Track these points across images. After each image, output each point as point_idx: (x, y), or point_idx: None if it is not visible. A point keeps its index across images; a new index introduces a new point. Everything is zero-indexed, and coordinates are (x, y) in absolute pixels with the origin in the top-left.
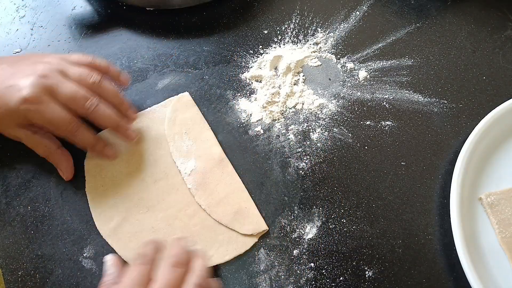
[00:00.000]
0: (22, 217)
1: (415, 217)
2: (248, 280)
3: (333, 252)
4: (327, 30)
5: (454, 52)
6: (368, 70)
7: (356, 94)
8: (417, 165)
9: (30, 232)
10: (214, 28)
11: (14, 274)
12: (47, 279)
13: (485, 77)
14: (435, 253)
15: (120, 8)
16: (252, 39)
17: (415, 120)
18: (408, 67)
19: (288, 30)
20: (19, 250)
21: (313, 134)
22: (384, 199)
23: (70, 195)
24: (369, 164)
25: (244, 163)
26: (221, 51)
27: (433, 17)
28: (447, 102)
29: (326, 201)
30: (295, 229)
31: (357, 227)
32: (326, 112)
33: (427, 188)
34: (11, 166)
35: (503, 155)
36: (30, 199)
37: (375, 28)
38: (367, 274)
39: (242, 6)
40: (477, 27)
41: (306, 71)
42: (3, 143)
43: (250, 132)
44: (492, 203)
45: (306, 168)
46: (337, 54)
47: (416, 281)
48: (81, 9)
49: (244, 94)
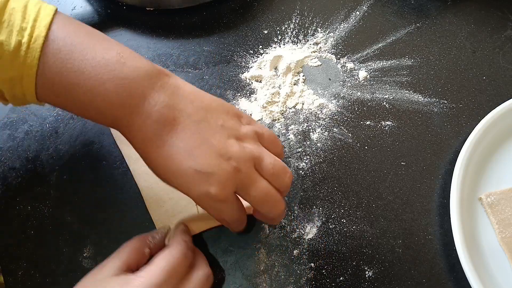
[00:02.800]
0: (22, 217)
1: (415, 217)
2: (248, 280)
3: (333, 252)
4: (327, 30)
5: (454, 52)
6: (368, 70)
7: (356, 94)
8: (417, 165)
9: (30, 232)
10: (214, 28)
11: (14, 274)
12: (47, 279)
13: (485, 77)
14: (435, 253)
15: (120, 8)
16: (252, 39)
17: (415, 120)
18: (408, 67)
19: (288, 30)
20: (19, 250)
21: (313, 134)
22: (384, 199)
23: (70, 195)
24: (369, 164)
25: None
26: (221, 51)
27: (433, 17)
28: (447, 102)
29: (326, 201)
30: (295, 229)
31: (357, 227)
32: (326, 112)
33: (427, 188)
34: (11, 166)
35: (503, 155)
36: (30, 199)
37: (375, 28)
38: (367, 274)
39: (242, 6)
40: (477, 27)
41: (306, 71)
42: (3, 143)
43: None
44: (492, 203)
45: (306, 168)
46: (337, 54)
47: (416, 281)
48: (81, 9)
49: (244, 94)
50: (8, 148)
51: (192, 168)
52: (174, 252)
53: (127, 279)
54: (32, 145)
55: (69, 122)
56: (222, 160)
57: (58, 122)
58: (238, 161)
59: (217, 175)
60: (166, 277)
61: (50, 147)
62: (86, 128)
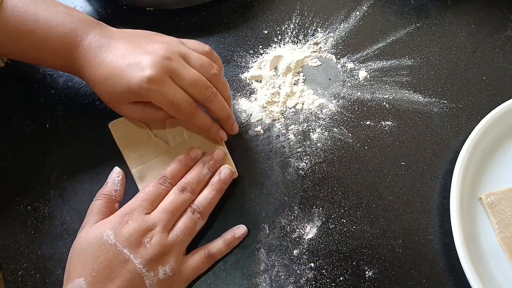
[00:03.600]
0: (22, 217)
1: (415, 217)
2: (248, 280)
3: (333, 252)
4: (327, 30)
5: (454, 52)
6: (368, 70)
7: (356, 94)
8: (417, 165)
9: (30, 232)
10: (214, 28)
11: (14, 274)
12: (47, 279)
13: (485, 77)
14: (435, 253)
15: (120, 8)
16: (252, 39)
17: (415, 120)
18: (408, 67)
19: (288, 30)
20: (19, 250)
21: (313, 134)
22: (384, 199)
23: (70, 195)
24: (369, 164)
25: (244, 163)
26: (221, 51)
27: (433, 17)
28: (447, 102)
29: (326, 201)
30: (295, 229)
31: (357, 227)
32: (326, 112)
33: (427, 188)
34: (12, 166)
35: (503, 155)
36: (30, 199)
37: (375, 28)
38: (367, 274)
39: (242, 6)
40: (477, 27)
41: (306, 71)
42: (3, 143)
43: (250, 132)
44: (492, 203)
45: (306, 168)
46: (337, 54)
47: (416, 281)
48: (81, 9)
49: (244, 94)
50: (8, 148)
51: (125, 63)
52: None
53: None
54: (32, 145)
55: (69, 122)
56: (151, 54)
57: (58, 121)
58: (166, 52)
59: (147, 61)
60: (139, 201)
61: (50, 147)
62: (86, 128)
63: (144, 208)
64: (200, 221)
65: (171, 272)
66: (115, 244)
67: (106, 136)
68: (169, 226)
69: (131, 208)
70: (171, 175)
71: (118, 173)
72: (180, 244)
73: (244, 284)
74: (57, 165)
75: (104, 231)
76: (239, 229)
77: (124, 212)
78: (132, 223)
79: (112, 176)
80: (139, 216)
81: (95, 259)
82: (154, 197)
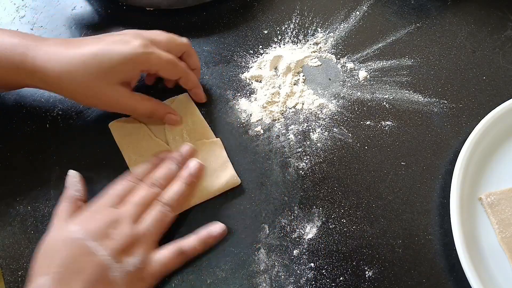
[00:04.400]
0: (22, 217)
1: (415, 217)
2: (248, 280)
3: (333, 252)
4: (327, 30)
5: (454, 52)
6: (368, 70)
7: (356, 94)
8: (417, 165)
9: (30, 232)
10: (214, 28)
11: (14, 274)
12: None
13: (485, 77)
14: (435, 253)
15: (120, 8)
16: (252, 39)
17: (415, 120)
18: (408, 67)
19: (288, 30)
20: (19, 250)
21: (313, 134)
22: (384, 199)
23: None
24: (369, 164)
25: (244, 163)
26: (221, 51)
27: (433, 17)
28: (447, 102)
29: (326, 201)
30: (295, 229)
31: (357, 227)
32: (326, 112)
33: (427, 188)
34: (11, 166)
35: (503, 155)
36: (30, 199)
37: (375, 28)
38: (367, 274)
39: (242, 6)
40: (477, 27)
41: (306, 71)
42: (3, 143)
43: (250, 132)
44: (492, 203)
45: (306, 168)
46: (337, 54)
47: (416, 281)
48: (81, 9)
49: (244, 94)
50: (8, 148)
51: (107, 42)
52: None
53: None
54: (32, 145)
55: (69, 122)
56: (124, 35)
57: (58, 122)
58: (134, 33)
59: (128, 37)
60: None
61: (50, 147)
62: (86, 128)
63: (112, 203)
64: (169, 214)
65: (140, 264)
66: (82, 238)
67: (106, 136)
68: (137, 218)
69: (98, 203)
70: (141, 174)
71: (74, 175)
72: (148, 236)
73: (244, 284)
74: (57, 165)
75: (71, 228)
76: (215, 227)
77: (91, 208)
78: (99, 216)
79: (69, 180)
80: (106, 210)
81: (61, 256)
82: (122, 193)
